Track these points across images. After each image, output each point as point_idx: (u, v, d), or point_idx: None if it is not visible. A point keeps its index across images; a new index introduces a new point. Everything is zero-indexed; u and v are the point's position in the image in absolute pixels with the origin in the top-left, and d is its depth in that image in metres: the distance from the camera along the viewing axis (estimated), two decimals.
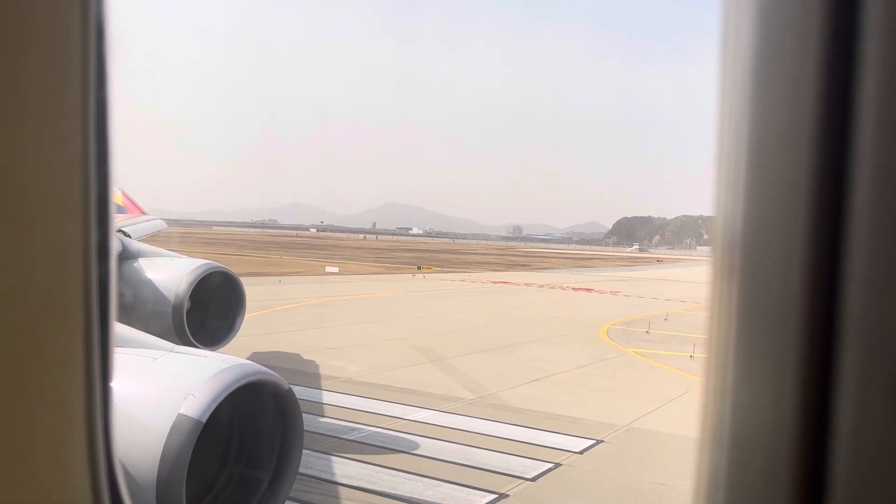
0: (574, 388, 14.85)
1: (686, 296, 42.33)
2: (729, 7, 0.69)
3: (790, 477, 0.63)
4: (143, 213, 17.40)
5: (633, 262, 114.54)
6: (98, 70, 1.02)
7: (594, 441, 10.74)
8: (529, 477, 8.97)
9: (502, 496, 8.30)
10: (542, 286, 45.52)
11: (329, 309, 27.69)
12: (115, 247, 1.13)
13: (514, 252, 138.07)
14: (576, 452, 10.14)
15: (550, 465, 9.48)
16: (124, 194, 17.49)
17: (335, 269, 50.76)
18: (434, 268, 61.29)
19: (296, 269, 48.63)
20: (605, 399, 13.86)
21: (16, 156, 0.94)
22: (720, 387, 0.71)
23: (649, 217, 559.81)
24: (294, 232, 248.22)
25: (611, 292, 43.06)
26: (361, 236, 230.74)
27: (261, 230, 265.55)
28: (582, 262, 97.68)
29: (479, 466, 9.26)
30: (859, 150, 0.58)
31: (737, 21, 0.67)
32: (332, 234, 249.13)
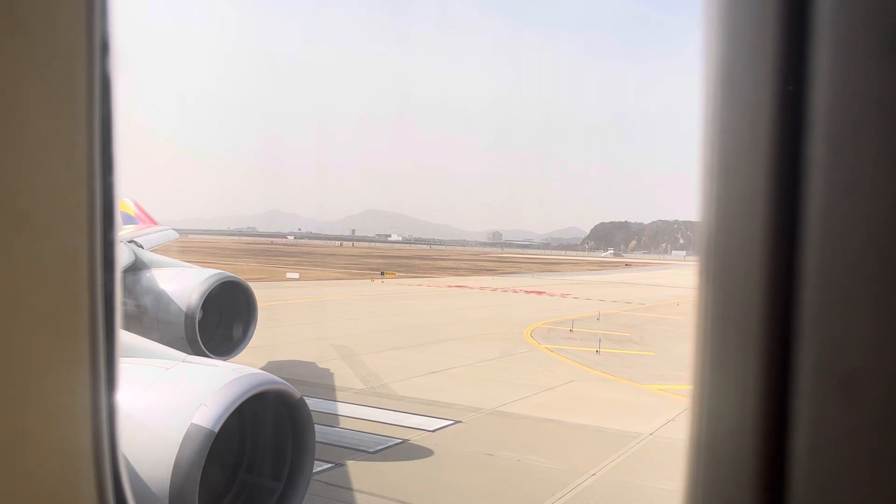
0: (466, 379, 15.98)
1: (633, 297, 43.74)
2: (705, 31, 0.74)
3: (755, 472, 0.66)
4: (156, 223, 17.70)
5: (601, 266, 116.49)
6: (102, 84, 1.05)
7: (451, 422, 11.88)
8: (372, 451, 10.07)
9: (338, 465, 9.39)
10: (495, 289, 46.71)
11: (270, 312, 28.54)
12: (120, 257, 1.18)
13: (486, 258, 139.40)
14: (429, 431, 11.26)
15: (398, 441, 10.59)
16: (136, 205, 17.79)
17: (295, 276, 51.51)
18: (396, 273, 62.22)
19: (256, 276, 49.27)
20: (487, 387, 14.99)
21: (22, 168, 0.96)
22: (697, 387, 0.74)
23: (626, 222, 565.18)
24: (269, 239, 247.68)
25: (560, 294, 44.29)
26: (338, 243, 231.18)
27: (237, 238, 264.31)
28: (549, 267, 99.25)
29: (331, 443, 10.34)
30: (810, 159, 0.62)
31: (708, 43, 0.72)
32: (309, 242, 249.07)
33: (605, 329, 26.33)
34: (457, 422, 11.93)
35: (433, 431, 11.26)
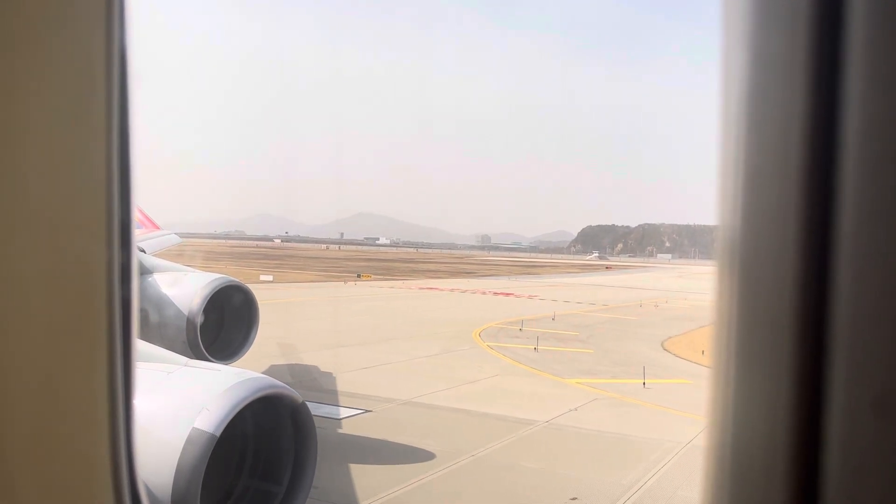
0: (396, 373, 16.71)
1: (598, 299, 44.59)
2: (726, 39, 0.74)
3: (786, 484, 0.65)
4: (158, 227, 17.92)
5: (582, 269, 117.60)
6: (120, 94, 1.07)
7: (361, 411, 12.63)
8: None
9: None
10: (465, 291, 47.48)
11: None
12: (136, 265, 1.20)
13: (469, 261, 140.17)
14: (335, 419, 12.02)
15: None
16: (139, 209, 18.11)
17: (269, 278, 52.03)
18: (372, 276, 62.85)
19: None
20: (412, 381, 15.72)
21: (42, 176, 0.98)
22: (721, 394, 0.73)
23: (613, 225, 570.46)
24: (255, 243, 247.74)
25: (528, 296, 45.02)
26: (324, 246, 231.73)
27: (224, 241, 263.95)
28: (529, 270, 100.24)
29: None
30: (843, 178, 0.62)
31: (732, 52, 0.72)
32: (296, 245, 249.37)
33: (556, 329, 27.15)
34: (367, 411, 12.68)
35: (339, 419, 12.01)
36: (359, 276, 60.91)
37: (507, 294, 46.22)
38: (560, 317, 31.75)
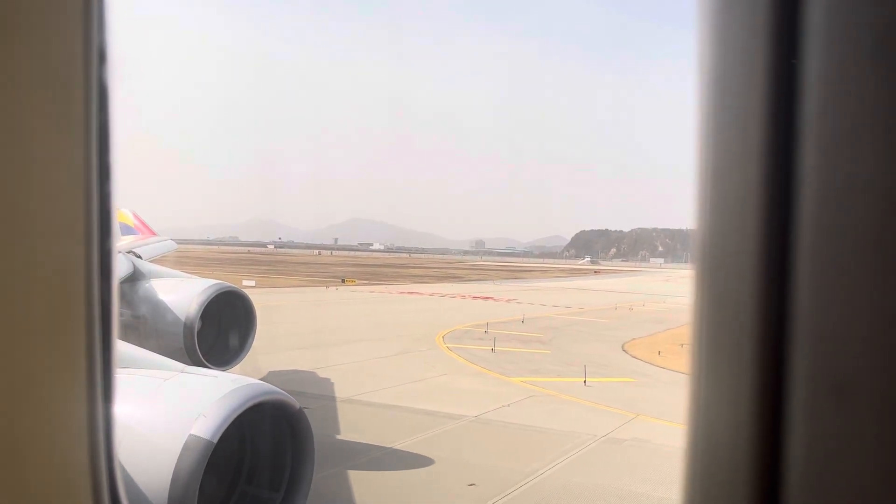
0: (346, 373, 17.10)
1: (576, 302, 45.09)
2: (698, 37, 0.75)
3: (752, 475, 0.66)
4: (154, 234, 18.09)
5: (570, 273, 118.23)
6: (100, 93, 1.06)
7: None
8: None
9: None
10: (444, 295, 47.92)
11: None
12: (117, 267, 1.17)
13: (459, 266, 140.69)
14: None
15: None
16: (135, 215, 18.20)
17: (251, 283, 52.38)
18: (356, 281, 63.27)
19: None
20: (359, 379, 16.18)
21: (19, 176, 0.96)
22: (694, 392, 0.75)
23: (606, 230, 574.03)
24: (247, 249, 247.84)
25: (506, 300, 45.47)
26: (316, 252, 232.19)
27: (217, 247, 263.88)
28: (518, 274, 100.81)
29: None
30: (803, 164, 0.63)
31: (700, 48, 0.74)
32: (288, 251, 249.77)
33: (522, 331, 27.55)
34: (305, 408, 13.11)
35: None
36: (343, 280, 61.32)
37: (486, 298, 46.67)
38: (531, 319, 32.17)
